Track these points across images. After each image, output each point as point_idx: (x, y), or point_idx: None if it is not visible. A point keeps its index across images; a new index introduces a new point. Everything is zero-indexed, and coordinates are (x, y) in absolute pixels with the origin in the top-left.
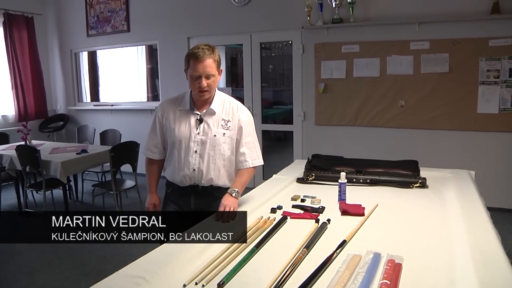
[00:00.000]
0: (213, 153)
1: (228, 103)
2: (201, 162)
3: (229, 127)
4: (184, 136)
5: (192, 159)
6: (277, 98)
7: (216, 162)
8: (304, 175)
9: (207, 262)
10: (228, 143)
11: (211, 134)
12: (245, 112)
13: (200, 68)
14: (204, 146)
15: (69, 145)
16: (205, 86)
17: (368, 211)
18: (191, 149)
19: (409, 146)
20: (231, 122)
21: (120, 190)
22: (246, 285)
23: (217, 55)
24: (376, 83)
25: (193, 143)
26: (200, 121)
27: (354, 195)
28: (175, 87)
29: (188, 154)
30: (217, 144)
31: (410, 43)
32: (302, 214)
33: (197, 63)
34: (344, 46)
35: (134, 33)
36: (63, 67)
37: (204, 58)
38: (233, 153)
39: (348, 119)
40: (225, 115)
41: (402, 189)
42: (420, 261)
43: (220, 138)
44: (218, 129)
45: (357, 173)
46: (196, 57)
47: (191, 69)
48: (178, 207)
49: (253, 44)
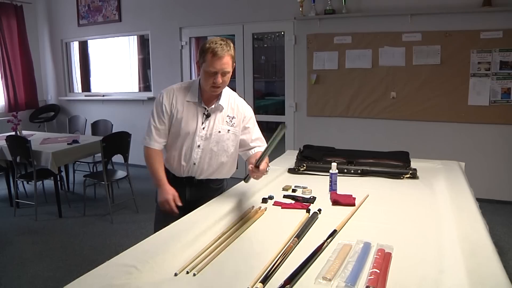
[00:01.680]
0: (216, 149)
1: (233, 99)
2: (203, 157)
3: (233, 124)
4: (190, 129)
5: (194, 153)
6: (269, 89)
7: (218, 157)
8: (296, 166)
9: (198, 251)
10: (232, 139)
11: (216, 130)
12: (249, 109)
13: (218, 65)
14: (208, 142)
15: (60, 135)
16: (220, 83)
17: (359, 201)
18: (195, 143)
19: (400, 137)
20: (235, 119)
21: (111, 181)
22: (236, 274)
23: (233, 51)
24: (368, 74)
25: (197, 137)
26: (207, 116)
27: (345, 185)
28: (167, 77)
29: (191, 148)
30: (221, 140)
31: (402, 35)
32: (293, 204)
33: (215, 59)
34: (336, 37)
35: (125, 23)
36: (53, 57)
37: (222, 55)
38: (236, 149)
39: (340, 110)
40: (230, 111)
41: (392, 179)
42: (409, 251)
43: (225, 135)
44: (223, 125)
45: (348, 163)
46: (214, 53)
47: (207, 64)
48: None
49: (245, 35)
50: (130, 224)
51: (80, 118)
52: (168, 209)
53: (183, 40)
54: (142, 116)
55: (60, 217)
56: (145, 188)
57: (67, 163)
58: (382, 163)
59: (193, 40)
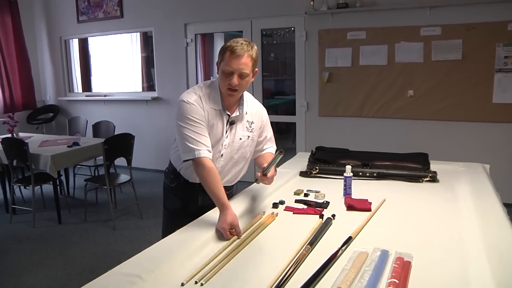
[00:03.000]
0: (237, 157)
1: (250, 103)
2: (224, 165)
3: (252, 129)
4: (217, 138)
5: (217, 163)
6: (279, 88)
7: (238, 165)
8: (308, 169)
9: (207, 259)
10: (250, 145)
11: (237, 137)
12: (265, 110)
13: (235, 64)
14: (230, 150)
15: (60, 137)
16: (236, 84)
17: (375, 206)
18: (218, 153)
19: (419, 138)
20: (254, 124)
21: (114, 185)
22: (246, 284)
23: (255, 53)
24: (383, 71)
25: (221, 146)
26: (231, 124)
27: (360, 189)
28: (172, 76)
29: (213, 157)
30: (241, 147)
31: (421, 29)
32: (305, 209)
33: (233, 57)
34: (350, 33)
35: (127, 19)
36: (52, 55)
37: (241, 54)
38: (251, 154)
39: (353, 110)
40: (249, 116)
41: (411, 183)
42: (431, 259)
43: (245, 141)
44: (244, 132)
45: (363, 166)
46: (232, 50)
47: (224, 63)
48: (182, 203)
49: (254, 31)
50: (133, 231)
51: (80, 119)
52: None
53: (189, 37)
54: (146, 117)
55: (60, 223)
56: (149, 192)
57: (67, 166)
58: (400, 165)
59: (199, 37)
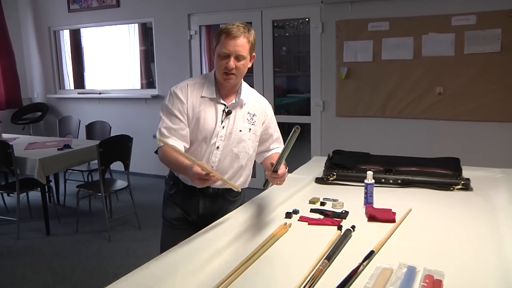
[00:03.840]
0: (237, 150)
1: (252, 94)
2: (222, 159)
3: (254, 122)
4: (209, 129)
5: (212, 156)
6: (291, 85)
7: (239, 160)
8: (324, 175)
9: (213, 275)
10: (252, 139)
11: (236, 129)
12: (270, 107)
13: (231, 46)
14: (228, 142)
15: (49, 139)
16: (232, 67)
17: (400, 217)
18: (213, 145)
19: (449, 141)
20: (256, 117)
21: (109, 192)
22: None
23: (253, 37)
24: (409, 66)
25: (216, 138)
26: (227, 114)
27: (383, 198)
28: (174, 72)
29: (208, 150)
30: (242, 140)
31: (452, 18)
32: (322, 219)
33: (228, 39)
34: (371, 24)
35: (125, 8)
36: (40, 48)
37: (237, 35)
38: (255, 151)
39: (375, 110)
40: (251, 108)
41: (440, 191)
42: (464, 278)
43: (246, 134)
44: (244, 124)
45: (386, 172)
46: (228, 32)
47: (220, 45)
48: (183, 212)
49: (264, 22)
50: (131, 243)
51: (72, 119)
52: (203, 183)
53: (192, 29)
54: (145, 116)
55: (48, 234)
56: (149, 200)
57: (57, 171)
58: (427, 171)
59: (204, 29)
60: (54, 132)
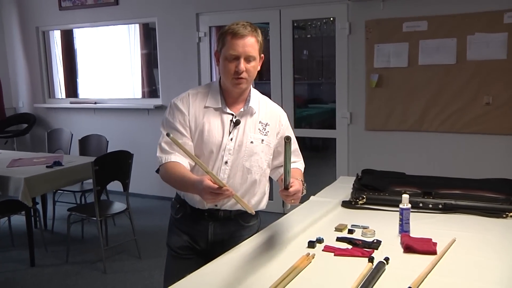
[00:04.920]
0: (248, 165)
1: (263, 102)
2: (231, 175)
3: (267, 132)
4: (215, 143)
5: (220, 172)
6: (314, 94)
7: (252, 176)
8: (352, 197)
9: None
10: (265, 152)
11: (247, 140)
12: (285, 115)
13: (240, 46)
14: (238, 156)
15: (36, 155)
16: (243, 70)
17: (442, 248)
18: (220, 160)
19: (499, 159)
20: (269, 126)
21: (106, 216)
22: None
23: (260, 36)
24: (451, 72)
25: (224, 152)
26: (236, 124)
27: (421, 225)
28: (180, 79)
29: (216, 166)
30: (254, 153)
31: (504, 15)
32: (350, 250)
33: (236, 39)
34: (406, 23)
35: (124, 6)
36: (26, 50)
37: (245, 34)
38: (269, 166)
39: (411, 123)
40: (263, 117)
41: (490, 218)
42: None
43: (258, 146)
44: (255, 134)
45: (424, 195)
46: (234, 33)
47: (227, 47)
48: (190, 239)
49: (283, 23)
50: (129, 274)
51: (63, 132)
52: (215, 198)
53: (201, 31)
54: (147, 130)
55: (33, 266)
56: (151, 225)
57: (45, 192)
58: (474, 195)
59: (214, 30)
60: (42, 147)
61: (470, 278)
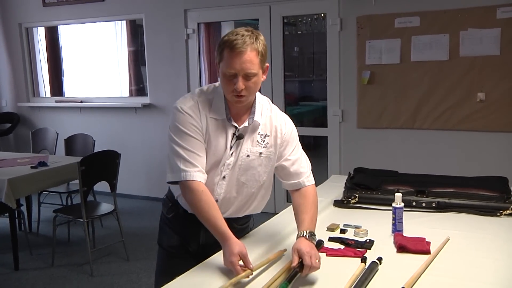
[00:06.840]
0: (244, 179)
1: (266, 110)
2: (228, 190)
3: (266, 144)
4: (218, 156)
5: (217, 187)
6: (305, 92)
7: (249, 189)
8: (344, 197)
9: None
10: (264, 165)
11: (243, 154)
12: (288, 124)
13: (237, 64)
14: (234, 171)
15: (20, 155)
16: (241, 89)
17: (436, 247)
18: (219, 174)
19: (493, 156)
20: (269, 137)
21: (92, 217)
22: None
23: (262, 45)
24: (443, 69)
25: (223, 167)
26: (239, 138)
27: (414, 224)
28: (168, 77)
29: (214, 181)
30: (250, 167)
31: (497, 10)
32: (342, 250)
33: (233, 55)
34: (398, 19)
35: (110, 2)
36: (9, 48)
37: (242, 50)
38: (270, 178)
39: (403, 120)
40: (262, 128)
41: (484, 217)
42: None
43: (255, 160)
44: (253, 147)
45: (418, 194)
46: (231, 46)
47: (224, 64)
48: (182, 239)
49: (273, 19)
50: (117, 277)
51: (48, 132)
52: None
53: (190, 27)
54: (135, 129)
55: (17, 269)
56: (139, 226)
57: (29, 193)
58: (468, 193)
59: (203, 26)
60: (26, 147)
61: (464, 277)
